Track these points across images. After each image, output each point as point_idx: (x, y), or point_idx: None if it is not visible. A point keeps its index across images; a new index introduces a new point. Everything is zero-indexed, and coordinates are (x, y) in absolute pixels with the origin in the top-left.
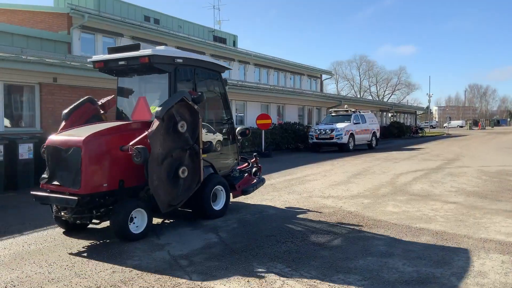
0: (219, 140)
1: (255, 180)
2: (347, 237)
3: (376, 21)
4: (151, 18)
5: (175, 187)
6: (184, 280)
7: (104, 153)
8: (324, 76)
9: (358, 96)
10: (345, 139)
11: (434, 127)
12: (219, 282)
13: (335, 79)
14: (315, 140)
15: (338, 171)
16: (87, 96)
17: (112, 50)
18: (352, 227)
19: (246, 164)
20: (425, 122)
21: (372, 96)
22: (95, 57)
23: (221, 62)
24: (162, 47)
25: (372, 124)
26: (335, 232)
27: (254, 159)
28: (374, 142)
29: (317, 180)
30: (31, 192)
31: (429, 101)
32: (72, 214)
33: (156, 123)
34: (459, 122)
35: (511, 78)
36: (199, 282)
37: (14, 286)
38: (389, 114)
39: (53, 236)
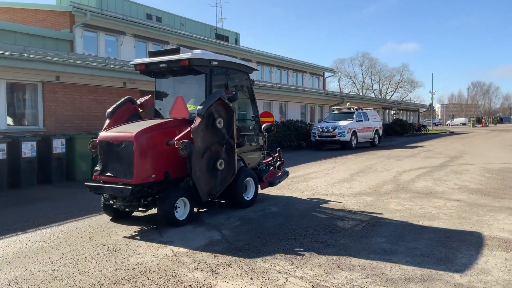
0: None
1: (280, 173)
2: (350, 234)
3: (380, 19)
4: (153, 16)
5: (213, 178)
6: (187, 278)
7: (152, 147)
8: (326, 74)
9: (361, 93)
10: (347, 137)
11: (437, 125)
12: (222, 279)
13: (338, 77)
14: (317, 138)
15: (341, 169)
16: (127, 96)
17: (152, 54)
18: (354, 224)
19: (271, 158)
20: (427, 120)
21: (374, 93)
22: (137, 60)
23: (249, 64)
24: (199, 51)
25: (375, 121)
26: (338, 230)
27: (277, 154)
28: (376, 140)
29: (320, 178)
30: (85, 184)
31: (432, 99)
32: (123, 202)
33: (198, 120)
34: (462, 120)
35: None
36: (202, 280)
37: (17, 283)
38: (392, 112)
39: (56, 234)
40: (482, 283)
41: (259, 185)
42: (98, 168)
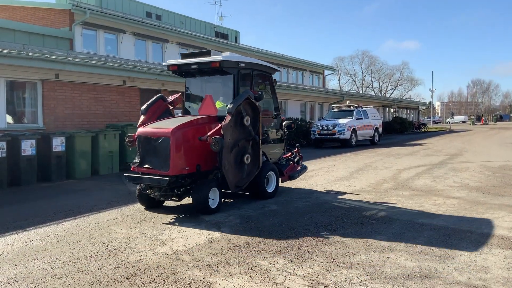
0: None
1: (299, 167)
2: (349, 232)
3: (381, 17)
4: (153, 14)
5: (241, 171)
6: (186, 275)
7: (186, 142)
8: (326, 72)
9: (361, 91)
10: (347, 135)
11: (437, 123)
12: (221, 277)
13: (338, 75)
14: (317, 136)
15: (340, 167)
16: (159, 95)
17: (184, 56)
18: (354, 222)
19: (290, 153)
20: (427, 118)
21: (374, 91)
22: (169, 62)
23: (272, 65)
24: (227, 53)
25: (375, 119)
26: (337, 227)
27: (296, 149)
28: (376, 138)
29: (319, 175)
30: (125, 174)
31: (431, 97)
32: (159, 192)
33: (228, 118)
34: (462, 118)
35: None
36: (201, 278)
37: (17, 281)
38: (392, 110)
39: (55, 232)
40: (481, 280)
41: (280, 179)
42: (136, 160)
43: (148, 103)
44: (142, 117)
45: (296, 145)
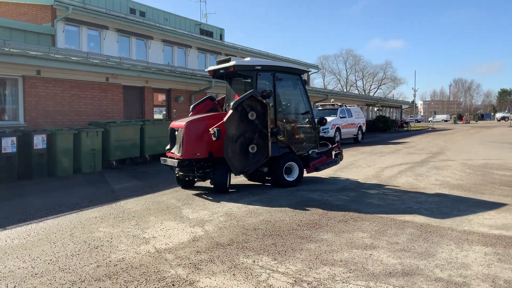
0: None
1: (329, 160)
2: (332, 229)
3: (369, 15)
4: (136, 10)
5: (246, 158)
6: (169, 274)
7: (198, 133)
8: (311, 70)
9: (345, 90)
10: (331, 133)
11: (419, 121)
12: (204, 275)
13: (322, 73)
14: None
15: None
16: (208, 95)
17: (218, 62)
18: (337, 220)
19: (327, 147)
20: (410, 116)
21: (358, 90)
22: (209, 68)
23: (300, 67)
24: (247, 59)
25: (358, 118)
26: (321, 225)
27: (336, 145)
28: (360, 136)
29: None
30: (161, 158)
31: (414, 95)
32: (179, 172)
33: (229, 112)
34: (444, 116)
35: (496, 73)
36: (184, 276)
37: None
38: (375, 108)
39: (36, 230)
40: (462, 277)
41: (305, 170)
42: (168, 147)
43: (196, 102)
44: (190, 114)
45: (336, 140)
